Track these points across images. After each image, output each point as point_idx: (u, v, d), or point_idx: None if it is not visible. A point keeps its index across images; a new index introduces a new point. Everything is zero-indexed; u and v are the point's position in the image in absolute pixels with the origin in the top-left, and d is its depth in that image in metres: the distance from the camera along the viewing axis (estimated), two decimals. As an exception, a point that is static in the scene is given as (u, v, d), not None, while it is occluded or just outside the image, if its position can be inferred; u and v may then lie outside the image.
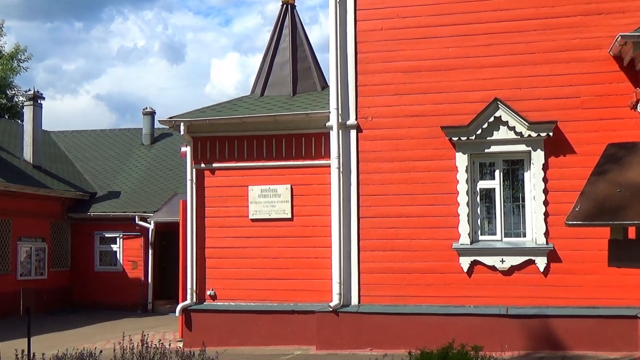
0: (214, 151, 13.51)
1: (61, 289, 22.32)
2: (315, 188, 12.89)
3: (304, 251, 12.85)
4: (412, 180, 11.97)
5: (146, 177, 24.70)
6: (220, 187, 13.41)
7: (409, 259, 11.89)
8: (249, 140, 13.34)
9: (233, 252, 13.22)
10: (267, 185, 13.17)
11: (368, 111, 12.25)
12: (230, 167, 13.39)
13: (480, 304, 11.58)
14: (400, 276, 11.90)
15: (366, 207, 12.13)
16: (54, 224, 22.40)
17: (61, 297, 22.19)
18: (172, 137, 26.50)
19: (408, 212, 11.94)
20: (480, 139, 11.72)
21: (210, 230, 13.39)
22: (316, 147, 13.00)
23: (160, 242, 22.40)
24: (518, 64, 11.74)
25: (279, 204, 13.09)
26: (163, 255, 22.45)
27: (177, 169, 24.21)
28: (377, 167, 12.15)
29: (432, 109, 11.99)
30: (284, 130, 13.11)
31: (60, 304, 21.93)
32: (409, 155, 12.01)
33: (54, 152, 26.08)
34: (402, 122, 12.09)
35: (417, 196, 11.93)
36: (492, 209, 11.89)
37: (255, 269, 13.08)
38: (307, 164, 13.00)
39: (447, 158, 11.86)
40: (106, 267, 22.69)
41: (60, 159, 25.75)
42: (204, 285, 13.31)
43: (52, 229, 22.33)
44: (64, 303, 22.18)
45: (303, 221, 12.94)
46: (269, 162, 13.21)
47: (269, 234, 13.08)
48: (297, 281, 12.83)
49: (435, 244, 11.80)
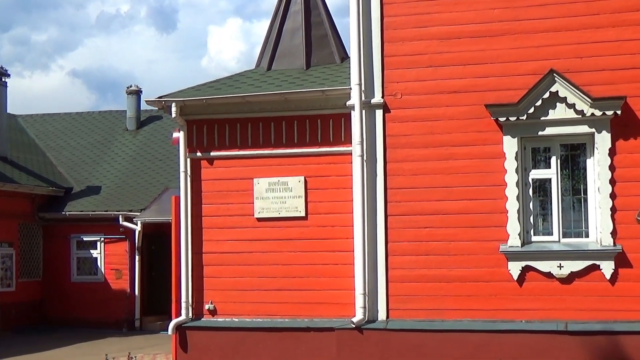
0: (212, 137, 13.63)
1: (32, 302, 22.63)
2: (333, 180, 12.98)
3: (321, 256, 12.95)
4: (450, 169, 12.01)
5: (131, 168, 24.93)
6: (219, 180, 13.54)
7: (447, 265, 11.95)
8: (253, 123, 13.44)
9: (236, 258, 13.36)
10: (276, 178, 13.27)
11: (397, 87, 12.30)
12: (232, 155, 13.51)
13: (534, 318, 11.62)
14: (437, 285, 11.97)
15: (395, 202, 12.20)
16: (22, 226, 22.70)
17: (32, 313, 22.50)
18: (162, 120, 26.70)
19: (445, 208, 11.99)
20: (533, 119, 11.73)
21: (209, 232, 13.53)
22: (335, 131, 13.06)
23: (149, 246, 22.61)
24: (578, 27, 11.72)
25: (291, 200, 13.19)
26: (152, 263, 22.67)
27: (169, 158, 24.42)
28: (408, 154, 12.20)
29: (474, 83, 12.01)
30: (296, 111, 13.20)
31: (30, 321, 22.24)
32: (447, 139, 12.06)
33: (21, 140, 26.39)
34: (438, 99, 12.13)
35: (457, 189, 11.98)
36: (547, 203, 11.90)
37: (263, 278, 13.21)
38: (324, 151, 13.08)
39: (492, 143, 11.89)
40: (85, 277, 22.96)
41: (30, 148, 26.07)
42: (202, 297, 13.46)
43: (21, 232, 22.64)
44: (35, 320, 22.49)
45: (319, 220, 13.04)
46: (278, 149, 13.31)
47: (279, 236, 13.20)
48: (313, 292, 12.94)
49: (478, 246, 11.85)
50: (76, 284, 22.96)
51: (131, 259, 22.30)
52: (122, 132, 27.03)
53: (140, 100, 27.06)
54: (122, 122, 27.45)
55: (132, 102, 27.15)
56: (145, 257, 22.51)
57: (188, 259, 13.53)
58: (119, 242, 22.57)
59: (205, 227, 13.55)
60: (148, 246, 22.56)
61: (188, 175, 13.62)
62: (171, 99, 13.57)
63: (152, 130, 26.77)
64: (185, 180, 13.60)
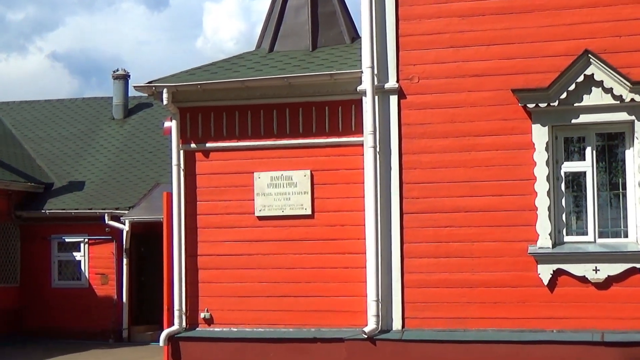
0: (207, 126, 13.66)
1: (8, 311, 22.68)
2: (343, 174, 13.00)
3: (329, 259, 12.99)
4: (474, 162, 12.02)
5: (119, 162, 24.97)
6: (216, 174, 13.57)
7: (470, 268, 11.96)
8: (254, 111, 13.46)
9: (234, 261, 13.39)
10: (279, 172, 13.30)
11: (413, 70, 12.30)
12: (230, 147, 13.54)
13: (566, 327, 11.62)
14: (458, 291, 11.98)
15: (412, 199, 12.22)
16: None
17: (8, 322, 22.54)
18: (152, 108, 26.73)
19: (468, 205, 12.00)
20: (565, 106, 11.72)
21: (204, 232, 13.57)
22: (344, 119, 13.08)
23: (138, 248, 22.66)
24: (616, 2, 11.69)
25: (295, 197, 13.22)
26: (142, 266, 22.71)
27: (160, 150, 24.43)
28: (426, 145, 12.21)
29: (499, 65, 12.00)
30: (301, 97, 13.21)
31: (6, 331, 22.28)
32: (469, 128, 12.06)
33: (-4, 130, 26.45)
34: (460, 84, 12.13)
35: (480, 184, 11.99)
36: (581, 200, 11.91)
37: (264, 284, 13.25)
38: (332, 142, 13.10)
39: (520, 132, 11.89)
40: (67, 282, 23.01)
41: (5, 139, 26.12)
42: (197, 305, 13.51)
43: (-4, 233, 22.70)
44: (11, 330, 22.53)
45: (327, 219, 13.07)
46: (281, 140, 13.33)
47: (282, 237, 13.23)
48: (320, 299, 12.97)
49: (504, 247, 11.86)
50: (57, 290, 23.00)
51: (118, 263, 22.33)
52: (108, 122, 27.06)
53: (127, 86, 27.06)
54: (108, 110, 27.48)
55: (119, 88, 27.17)
56: (134, 260, 22.55)
57: (181, 262, 13.57)
58: (104, 244, 22.59)
59: (201, 227, 13.59)
60: (137, 248, 22.60)
61: (181, 169, 13.66)
62: (162, 84, 13.59)
63: (142, 119, 26.79)
64: (178, 175, 13.64)
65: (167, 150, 21.63)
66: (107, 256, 22.51)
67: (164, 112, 22.21)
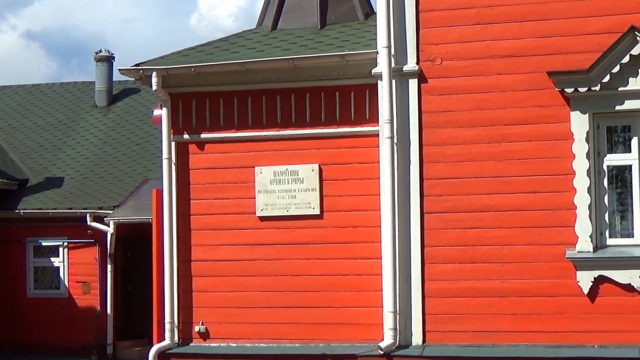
0: (202, 115, 13.70)
1: (-22, 324, 22.76)
2: (356, 169, 13.03)
3: (340, 265, 13.02)
4: (504, 154, 12.03)
5: (102, 155, 25.04)
6: (212, 169, 13.63)
7: (500, 275, 11.97)
8: (255, 97, 13.50)
9: (233, 268, 13.44)
10: (284, 166, 13.34)
11: (435, 50, 12.30)
12: (228, 138, 13.59)
13: (609, 342, 11.61)
14: (487, 301, 12.00)
15: (434, 197, 12.23)
16: (-35, 228, 22.84)
17: (-22, 337, 22.61)
18: (139, 94, 26.81)
19: (498, 203, 12.01)
20: (609, 90, 11.70)
21: (199, 234, 13.63)
22: (357, 106, 13.10)
23: (124, 253, 22.73)
24: (667, -27, 11.69)
25: (302, 194, 13.26)
26: (128, 273, 22.79)
27: (149, 142, 24.51)
28: (450, 135, 12.22)
29: (533, 45, 12.00)
30: (309, 81, 13.24)
31: (-23, 347, 22.36)
32: (499, 116, 12.06)
33: (-37, 120, 26.55)
34: (488, 65, 12.13)
35: (512, 179, 11.99)
36: (626, 197, 11.90)
37: (267, 293, 13.29)
38: (344, 132, 13.14)
39: (557, 120, 11.88)
40: (44, 292, 23.10)
41: (-27, 130, 26.21)
42: (191, 317, 13.56)
43: (-36, 235, 22.78)
44: (-18, 345, 22.60)
45: (338, 219, 13.10)
46: (285, 130, 13.37)
47: (287, 240, 13.27)
48: (331, 310, 13.02)
49: (539, 251, 11.86)
50: (33, 300, 23.10)
51: (102, 269, 22.41)
52: (90, 109, 27.15)
53: (112, 69, 27.17)
54: (90, 96, 27.57)
55: (103, 71, 27.26)
56: (120, 266, 22.64)
57: (173, 268, 13.63)
58: (86, 248, 22.68)
59: (195, 229, 13.64)
60: (123, 253, 22.68)
61: (173, 164, 13.71)
62: (151, 67, 13.64)
63: (128, 107, 26.88)
64: (169, 170, 13.69)
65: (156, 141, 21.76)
66: (89, 262, 22.59)
67: (153, 99, 22.28)
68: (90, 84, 27.94)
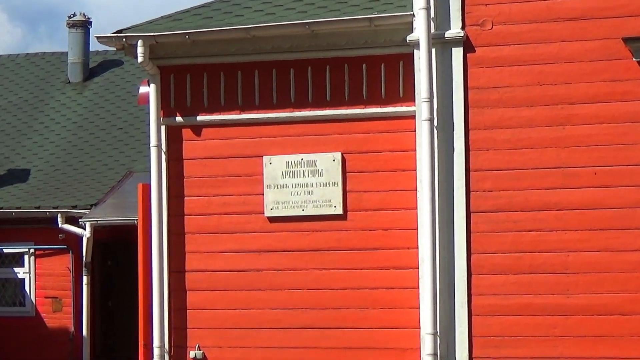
0: (199, 93, 13.78)
1: None
2: (386, 159, 13.08)
3: (368, 276, 13.07)
4: (569, 140, 12.06)
5: (77, 142, 25.11)
6: (211, 158, 13.70)
7: (564, 289, 12.00)
8: (263, 71, 13.57)
9: (236, 280, 13.52)
10: (299, 155, 13.41)
11: (485, 12, 12.34)
12: (231, 121, 13.66)
13: (701, 372, 11.65)
14: (548, 321, 12.02)
15: (483, 192, 12.28)
16: None
17: None
18: (122, 67, 26.88)
19: (561, 200, 12.04)
20: (699, 62, 11.73)
21: (195, 239, 13.72)
22: (388, 81, 13.14)
23: (104, 261, 22.80)
24: None
25: (321, 190, 13.33)
26: (109, 286, 22.86)
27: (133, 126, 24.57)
28: (503, 117, 12.26)
29: (607, 5, 12.00)
30: (329, 50, 13.29)
31: None
32: (563, 93, 12.09)
33: None
34: (551, 31, 12.16)
35: (579, 171, 12.02)
36: None
37: (278, 311, 13.36)
38: (372, 113, 13.19)
39: (635, 98, 11.91)
40: (6, 309, 23.14)
41: None
42: (185, 340, 13.65)
43: None
44: None
45: (365, 220, 13.15)
46: (301, 111, 13.44)
47: (302, 245, 13.34)
48: (356, 332, 13.08)
49: (612, 259, 11.89)
50: (-7, 320, 23.24)
51: (76, 282, 22.46)
52: (62, 86, 27.24)
53: (89, 37, 27.21)
54: (62, 70, 27.65)
55: (77, 40, 27.33)
56: (98, 278, 22.69)
57: (163, 280, 13.70)
58: (57, 256, 22.73)
59: (190, 232, 13.73)
60: (102, 261, 22.75)
61: (163, 152, 13.79)
62: (137, 34, 13.66)
63: (108, 83, 26.93)
64: (158, 160, 13.76)
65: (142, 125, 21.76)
66: (61, 273, 22.65)
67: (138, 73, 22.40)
68: (62, 56, 28.01)
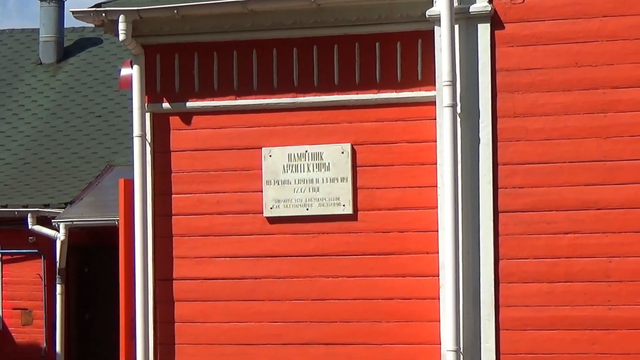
0: (189, 75, 13.83)
1: None
2: (401, 151, 13.13)
3: (381, 285, 13.12)
4: (611, 130, 12.06)
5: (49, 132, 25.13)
6: (203, 150, 13.74)
7: (605, 300, 12.00)
8: (263, 50, 13.60)
9: (231, 289, 13.56)
10: (302, 147, 13.45)
11: (515, -16, 12.40)
12: (225, 107, 13.70)
13: None
14: (587, 336, 12.03)
15: (512, 189, 12.30)
16: None
17: None
18: (101, 47, 26.88)
19: (602, 198, 12.05)
20: None
21: (184, 242, 13.76)
22: (405, 62, 13.18)
23: (80, 268, 22.82)
24: None
25: (328, 186, 13.36)
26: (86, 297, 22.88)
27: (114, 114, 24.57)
28: (536, 103, 12.27)
29: (654, -26, 12.05)
30: (337, 27, 13.31)
31: None
32: (605, 76, 12.09)
33: None
34: (590, 4, 12.14)
35: (623, 165, 12.03)
36: None
37: (279, 324, 13.40)
38: (386, 99, 13.22)
39: (687, 81, 11.96)
40: (-31, 323, 23.28)
41: None
42: (172, 356, 13.68)
43: None
44: None
45: (377, 221, 13.19)
46: (304, 96, 13.48)
47: (306, 250, 13.38)
48: (368, 349, 13.12)
49: (661, 266, 11.94)
50: (-46, 335, 23.29)
51: (49, 291, 22.46)
52: (33, 68, 27.26)
53: (63, 12, 27.22)
54: (33, 49, 27.68)
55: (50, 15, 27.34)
56: (74, 286, 22.71)
57: (148, 290, 13.74)
58: (27, 262, 22.75)
59: (179, 235, 13.78)
60: (78, 268, 22.77)
61: (148, 143, 13.84)
62: (118, 8, 13.66)
63: (85, 65, 26.95)
64: (142, 153, 13.79)
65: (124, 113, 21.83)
66: (32, 281, 22.68)
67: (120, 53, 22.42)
68: (33, 33, 28.02)
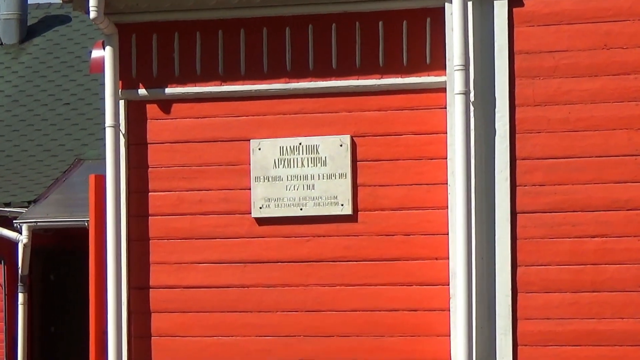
0: (168, 58, 13.86)
1: None
2: (408, 143, 13.15)
3: (384, 294, 13.14)
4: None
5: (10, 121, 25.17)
6: (184, 142, 13.77)
7: (637, 311, 12.04)
8: (251, 29, 13.62)
9: (215, 299, 13.58)
10: (296, 139, 13.48)
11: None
12: (209, 94, 13.72)
13: None
14: (616, 352, 12.08)
15: (532, 187, 12.34)
16: None
17: None
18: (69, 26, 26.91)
19: (634, 197, 12.09)
20: None
21: (162, 246, 13.80)
22: (412, 44, 13.20)
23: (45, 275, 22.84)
24: None
25: (324, 183, 13.39)
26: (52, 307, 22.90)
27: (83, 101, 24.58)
28: (559, 90, 12.30)
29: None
30: (335, 4, 13.31)
31: None
32: (636, 59, 12.13)
33: None
34: (619, -21, 12.23)
35: (657, 159, 12.10)
36: None
37: (270, 338, 13.42)
38: (391, 84, 13.24)
39: None
40: None
41: None
42: (149, 375, 13.77)
43: None
44: None
45: (380, 223, 13.21)
46: (298, 81, 13.50)
47: (300, 255, 13.40)
48: (369, 366, 13.19)
49: None
50: None
51: (9, 301, 22.52)
52: (-7, 51, 27.38)
53: (28, -12, 27.39)
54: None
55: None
56: (38, 295, 22.75)
57: (122, 299, 13.77)
58: (-15, 267, 22.88)
59: (156, 237, 13.81)
60: (43, 274, 22.79)
61: (121, 135, 13.85)
62: (87, -18, 13.77)
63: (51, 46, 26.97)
64: (115, 145, 13.80)
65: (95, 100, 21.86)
66: (-10, 289, 22.82)
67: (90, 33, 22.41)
68: (-6, 11, 28.17)
